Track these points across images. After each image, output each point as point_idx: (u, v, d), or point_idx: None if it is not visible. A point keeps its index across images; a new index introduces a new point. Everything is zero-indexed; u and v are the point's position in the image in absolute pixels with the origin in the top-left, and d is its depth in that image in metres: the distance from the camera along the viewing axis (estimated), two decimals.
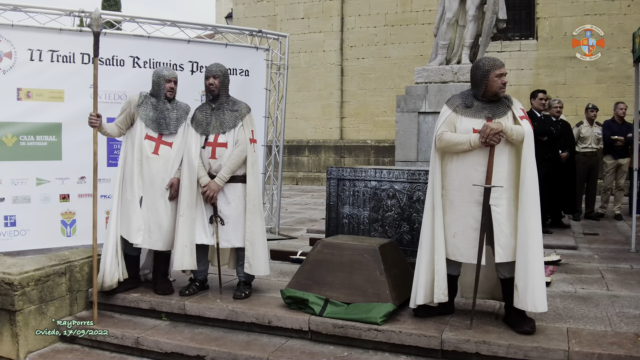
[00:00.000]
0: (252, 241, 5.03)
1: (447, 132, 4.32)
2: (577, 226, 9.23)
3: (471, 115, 4.32)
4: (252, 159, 5.08)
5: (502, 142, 4.18)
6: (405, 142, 8.14)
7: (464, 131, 4.28)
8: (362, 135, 17.41)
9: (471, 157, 4.25)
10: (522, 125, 4.19)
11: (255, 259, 5.03)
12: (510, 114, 4.28)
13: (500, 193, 4.19)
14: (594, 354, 3.83)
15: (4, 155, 6.19)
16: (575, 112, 14.28)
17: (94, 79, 4.97)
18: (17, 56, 6.22)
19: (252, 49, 8.00)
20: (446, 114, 4.41)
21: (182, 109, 5.34)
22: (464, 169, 4.28)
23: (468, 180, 4.25)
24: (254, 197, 5.05)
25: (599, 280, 5.76)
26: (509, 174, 4.22)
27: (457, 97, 4.48)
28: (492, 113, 4.29)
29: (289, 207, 11.92)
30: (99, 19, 4.94)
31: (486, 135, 4.12)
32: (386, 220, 5.98)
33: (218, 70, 5.14)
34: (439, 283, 4.33)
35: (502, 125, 4.14)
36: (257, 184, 5.12)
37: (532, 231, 4.10)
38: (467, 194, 4.26)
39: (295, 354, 4.31)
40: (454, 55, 8.30)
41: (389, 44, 16.99)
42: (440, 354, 4.17)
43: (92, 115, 5.02)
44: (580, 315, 4.60)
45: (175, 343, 4.58)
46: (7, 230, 6.24)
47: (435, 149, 4.39)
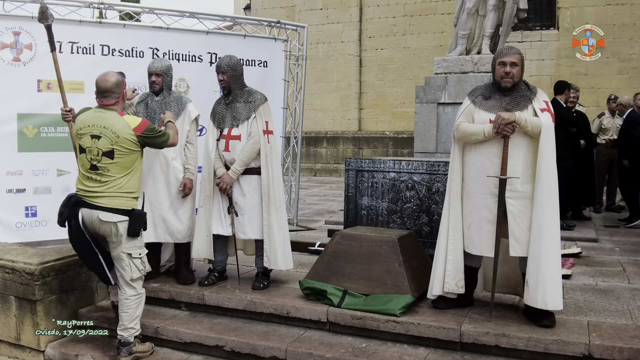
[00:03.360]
0: (269, 234, 5.02)
1: (464, 123, 4.33)
2: (598, 218, 9.14)
3: (489, 107, 4.29)
4: (266, 151, 5.02)
5: (519, 134, 4.13)
6: (424, 133, 8.09)
7: (481, 123, 4.26)
8: (381, 126, 17.34)
9: (486, 148, 4.22)
10: (541, 118, 4.12)
11: (272, 252, 5.02)
12: (530, 107, 4.20)
13: (515, 186, 4.15)
14: (614, 347, 3.80)
15: (25, 147, 6.25)
16: (596, 103, 14.10)
17: (57, 73, 4.96)
18: (37, 48, 6.27)
19: (271, 40, 7.98)
20: (465, 104, 4.42)
21: (174, 100, 5.30)
22: (480, 160, 4.26)
23: (483, 171, 4.23)
24: (268, 189, 5.01)
25: (620, 273, 5.70)
26: (525, 166, 4.16)
27: (478, 89, 4.47)
28: (510, 105, 4.23)
29: (307, 198, 11.92)
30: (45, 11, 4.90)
31: (498, 125, 4.09)
32: (405, 212, 5.95)
33: (225, 65, 5.09)
34: (450, 273, 4.36)
35: (515, 115, 4.09)
36: (273, 176, 5.03)
37: (546, 227, 4.05)
38: (482, 185, 4.24)
39: (314, 344, 4.32)
40: (474, 46, 8.22)
41: (407, 35, 16.88)
42: (459, 346, 4.15)
43: (63, 110, 4.97)
44: (601, 308, 4.56)
45: (195, 333, 4.61)
46: (28, 221, 6.30)
47: (454, 140, 4.39)
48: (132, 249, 4.36)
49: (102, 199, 4.26)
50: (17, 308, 4.92)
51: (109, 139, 4.26)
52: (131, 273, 4.37)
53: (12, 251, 5.19)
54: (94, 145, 4.26)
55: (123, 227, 4.28)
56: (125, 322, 4.40)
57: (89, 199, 4.28)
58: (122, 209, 4.29)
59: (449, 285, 4.38)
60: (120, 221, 4.27)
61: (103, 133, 4.26)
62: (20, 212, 6.26)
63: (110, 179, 4.29)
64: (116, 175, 4.30)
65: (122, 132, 4.28)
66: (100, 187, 4.28)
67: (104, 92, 4.37)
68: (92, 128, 4.29)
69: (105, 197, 4.27)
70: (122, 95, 4.47)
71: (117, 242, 4.31)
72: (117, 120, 4.33)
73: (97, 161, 4.27)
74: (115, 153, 4.27)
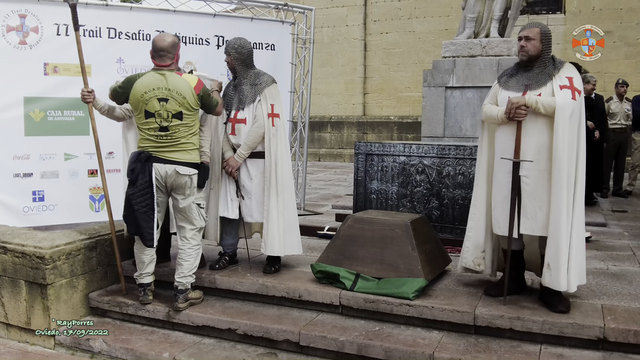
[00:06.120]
0: (267, 219, 4.96)
1: (487, 105, 4.37)
2: (606, 203, 9.12)
3: (511, 86, 4.27)
4: (270, 134, 4.94)
5: (534, 114, 4.08)
6: (432, 117, 8.05)
7: (502, 101, 4.26)
8: (386, 111, 17.27)
9: (506, 129, 4.22)
10: (557, 96, 4.04)
11: (270, 237, 4.95)
12: (549, 84, 4.14)
13: (529, 165, 4.11)
14: (630, 330, 3.79)
15: (32, 131, 6.22)
16: (604, 87, 14.02)
17: (79, 54, 4.93)
18: (43, 31, 6.21)
19: (278, 23, 7.91)
20: (493, 86, 4.46)
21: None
22: (502, 139, 4.26)
23: (505, 151, 4.21)
24: (270, 173, 4.94)
25: (630, 257, 5.68)
26: (540, 145, 4.10)
27: (507, 69, 4.48)
28: (530, 81, 4.19)
29: (313, 183, 11.91)
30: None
31: (508, 110, 4.07)
32: (415, 196, 5.93)
33: (230, 48, 5.04)
34: (468, 250, 4.51)
35: (524, 99, 4.05)
36: (277, 160, 4.95)
37: (564, 207, 4.00)
38: (504, 164, 4.22)
39: (327, 328, 4.30)
40: (483, 29, 8.16)
41: (413, 18, 16.77)
42: (474, 330, 4.13)
43: (84, 91, 4.96)
44: (614, 292, 4.54)
45: (207, 316, 4.59)
46: (36, 205, 6.28)
47: (482, 121, 4.47)
48: (200, 200, 4.73)
49: (176, 154, 4.54)
50: (27, 292, 4.90)
51: (176, 100, 4.46)
52: (200, 222, 4.73)
53: (22, 235, 5.15)
54: (163, 109, 4.45)
55: (195, 179, 4.62)
56: (185, 271, 4.64)
57: (163, 155, 4.53)
58: (193, 163, 4.61)
59: (466, 261, 4.51)
60: (194, 174, 4.61)
61: (169, 95, 4.45)
62: (28, 197, 6.24)
63: (180, 137, 4.53)
64: (185, 133, 4.55)
65: (186, 93, 4.47)
66: (172, 143, 4.53)
67: (160, 51, 4.52)
68: (157, 91, 4.46)
69: (179, 152, 4.55)
70: (176, 57, 4.62)
71: (189, 194, 4.63)
72: (179, 80, 4.50)
73: (168, 123, 4.48)
74: (183, 114, 4.50)
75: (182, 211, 4.68)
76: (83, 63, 4.97)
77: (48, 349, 4.82)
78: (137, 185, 4.48)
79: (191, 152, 4.61)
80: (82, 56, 4.96)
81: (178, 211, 4.72)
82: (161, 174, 4.53)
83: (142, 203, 4.51)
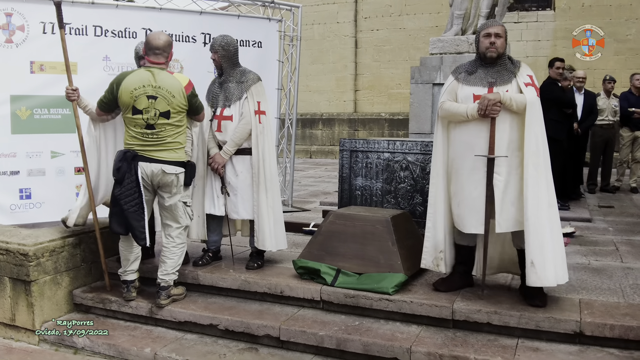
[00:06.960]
0: (258, 214, 5.02)
1: (447, 102, 4.32)
2: (593, 199, 9.17)
3: (472, 82, 4.27)
4: (257, 131, 4.99)
5: (503, 111, 4.09)
6: (419, 114, 8.08)
7: (464, 98, 4.24)
8: (377, 108, 17.31)
9: (472, 126, 4.19)
10: (525, 93, 4.09)
11: (261, 232, 5.02)
12: (514, 82, 4.17)
13: (500, 161, 4.11)
14: (606, 324, 3.82)
15: (19, 129, 6.22)
16: (592, 84, 14.05)
17: (64, 52, 4.92)
18: (29, 29, 6.22)
19: (265, 20, 7.93)
20: (448, 82, 4.42)
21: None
22: (466, 137, 4.23)
23: (469, 148, 4.19)
24: (258, 169, 4.99)
25: (613, 252, 5.73)
26: (510, 141, 4.13)
27: (462, 66, 4.46)
28: (494, 78, 4.21)
29: (303, 180, 11.93)
30: None
31: (484, 107, 4.05)
32: (399, 192, 5.96)
33: (217, 45, 5.07)
34: (428, 250, 4.46)
35: (499, 95, 4.06)
36: (264, 157, 5.01)
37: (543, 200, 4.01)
38: (469, 162, 4.20)
39: (307, 322, 4.34)
40: (470, 26, 8.19)
41: (404, 15, 16.80)
42: (452, 324, 4.18)
43: (68, 89, 4.95)
44: (593, 286, 4.58)
45: (189, 312, 4.63)
46: (23, 203, 6.29)
47: (438, 118, 4.41)
48: (186, 198, 4.78)
49: (162, 153, 4.57)
50: (12, 289, 4.93)
51: (165, 99, 4.50)
52: (186, 220, 4.79)
53: (6, 232, 5.18)
54: (151, 106, 4.48)
55: (182, 178, 4.66)
56: (168, 269, 4.70)
57: (149, 154, 4.54)
58: (179, 161, 4.65)
59: (425, 262, 4.47)
60: (180, 172, 4.64)
61: (159, 93, 4.48)
62: (15, 194, 6.25)
63: (166, 136, 4.56)
64: (171, 132, 4.58)
65: (176, 92, 4.52)
66: (158, 142, 4.55)
67: (155, 49, 4.56)
68: (146, 88, 4.48)
69: (165, 151, 4.57)
70: (170, 56, 4.66)
71: (176, 192, 4.67)
72: (169, 79, 4.54)
73: (154, 121, 4.50)
74: (170, 114, 4.53)
75: (168, 209, 4.71)
76: (68, 61, 4.97)
77: (32, 345, 4.86)
78: (124, 184, 4.50)
79: (178, 150, 4.64)
80: (67, 54, 4.96)
81: (164, 209, 4.75)
82: (147, 173, 4.55)
83: (131, 202, 4.53)
